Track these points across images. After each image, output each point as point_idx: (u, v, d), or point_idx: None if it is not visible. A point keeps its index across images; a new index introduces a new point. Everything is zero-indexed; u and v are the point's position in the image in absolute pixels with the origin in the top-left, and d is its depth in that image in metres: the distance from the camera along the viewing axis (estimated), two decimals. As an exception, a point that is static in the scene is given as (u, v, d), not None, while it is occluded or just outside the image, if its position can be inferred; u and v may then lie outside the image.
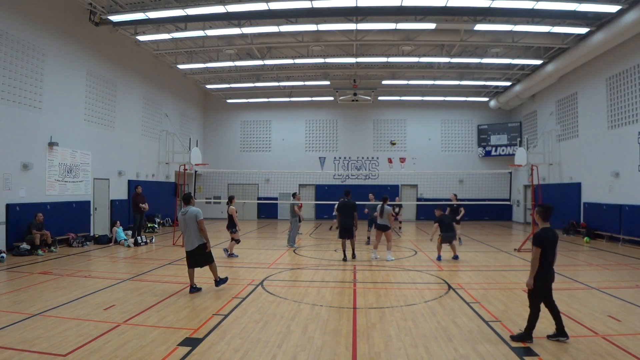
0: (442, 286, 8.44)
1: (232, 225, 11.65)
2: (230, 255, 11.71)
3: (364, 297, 7.57)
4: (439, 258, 11.51)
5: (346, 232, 11.46)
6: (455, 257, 11.56)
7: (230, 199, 12.04)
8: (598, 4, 12.71)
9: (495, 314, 6.45)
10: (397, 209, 17.97)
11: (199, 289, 7.82)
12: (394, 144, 18.24)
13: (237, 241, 11.83)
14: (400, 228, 18.46)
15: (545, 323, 6.01)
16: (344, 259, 11.39)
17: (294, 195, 14.65)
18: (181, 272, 9.70)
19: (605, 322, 6.07)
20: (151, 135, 20.08)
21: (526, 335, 5.33)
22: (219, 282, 7.90)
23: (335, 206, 12.80)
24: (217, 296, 7.52)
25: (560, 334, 5.34)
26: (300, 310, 6.69)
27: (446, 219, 11.79)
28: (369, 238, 15.18)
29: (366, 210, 14.84)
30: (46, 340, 5.21)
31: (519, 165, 20.15)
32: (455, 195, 14.84)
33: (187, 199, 7.97)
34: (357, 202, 11.91)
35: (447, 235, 11.44)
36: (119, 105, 17.21)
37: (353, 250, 11.67)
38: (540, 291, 5.32)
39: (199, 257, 7.70)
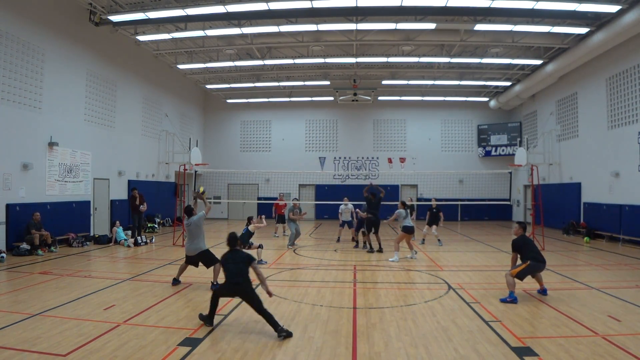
0: (442, 286, 8.44)
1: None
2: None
3: (364, 297, 7.57)
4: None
5: (372, 226, 12.71)
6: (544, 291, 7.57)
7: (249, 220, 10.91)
8: (598, 4, 12.70)
9: (495, 314, 6.44)
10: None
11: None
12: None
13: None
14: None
15: (544, 323, 6.03)
16: (370, 250, 12.75)
17: (280, 195, 14.90)
18: (181, 272, 9.73)
19: (605, 322, 6.06)
20: (151, 135, 20.07)
21: (208, 318, 5.91)
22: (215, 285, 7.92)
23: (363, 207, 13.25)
24: (217, 296, 7.52)
25: (207, 318, 5.94)
26: (300, 310, 6.69)
27: (531, 245, 7.58)
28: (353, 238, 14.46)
29: (357, 210, 14.02)
30: (46, 340, 5.21)
31: (519, 165, 20.17)
32: (435, 198, 15.36)
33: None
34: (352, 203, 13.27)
35: (538, 266, 7.41)
36: (119, 105, 17.21)
37: (379, 243, 12.81)
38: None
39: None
